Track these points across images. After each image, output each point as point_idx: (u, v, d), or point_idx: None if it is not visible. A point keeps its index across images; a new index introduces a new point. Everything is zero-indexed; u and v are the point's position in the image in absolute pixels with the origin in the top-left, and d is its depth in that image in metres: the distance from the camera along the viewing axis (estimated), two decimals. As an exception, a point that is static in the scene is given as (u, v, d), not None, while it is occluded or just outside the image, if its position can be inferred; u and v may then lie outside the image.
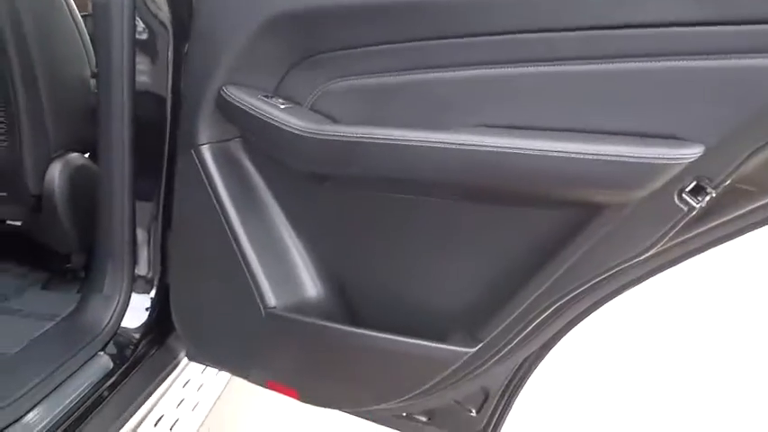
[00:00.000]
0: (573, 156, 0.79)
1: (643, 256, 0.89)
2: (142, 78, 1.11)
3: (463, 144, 0.84)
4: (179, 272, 1.15)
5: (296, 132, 0.92)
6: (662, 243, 0.87)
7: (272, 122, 0.94)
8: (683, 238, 0.91)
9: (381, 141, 0.89)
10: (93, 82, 1.34)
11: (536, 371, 1.13)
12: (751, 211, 0.88)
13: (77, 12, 1.30)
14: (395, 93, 0.94)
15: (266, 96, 0.98)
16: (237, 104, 0.96)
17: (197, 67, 1.00)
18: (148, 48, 1.09)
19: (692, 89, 0.76)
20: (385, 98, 0.95)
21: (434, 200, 0.95)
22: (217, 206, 1.02)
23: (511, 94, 0.87)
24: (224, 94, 0.97)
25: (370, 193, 0.99)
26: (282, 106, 0.96)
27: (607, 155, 0.78)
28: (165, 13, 1.07)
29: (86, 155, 1.40)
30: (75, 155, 1.32)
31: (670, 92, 0.78)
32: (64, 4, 1.24)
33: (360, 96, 0.97)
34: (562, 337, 1.08)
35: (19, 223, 1.36)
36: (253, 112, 0.95)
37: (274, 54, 0.98)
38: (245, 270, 1.03)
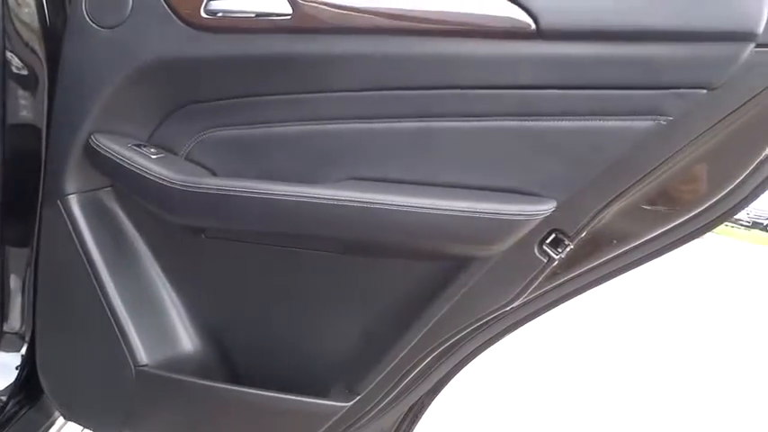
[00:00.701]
0: (436, 211, 0.81)
1: (512, 306, 0.91)
2: (14, 117, 1.05)
3: (334, 198, 0.85)
4: (45, 329, 1.08)
5: (167, 184, 0.90)
6: (529, 292, 0.90)
7: (143, 174, 0.91)
8: (554, 284, 0.95)
9: (254, 195, 0.88)
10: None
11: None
12: (613, 258, 0.94)
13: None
14: (271, 144, 0.94)
15: (137, 146, 0.95)
16: (106, 154, 0.92)
17: (65, 113, 0.95)
18: (21, 85, 1.04)
19: (544, 148, 0.81)
20: (261, 149, 0.94)
21: (311, 252, 0.95)
22: (84, 259, 0.97)
23: (381, 149, 0.88)
24: (92, 143, 0.93)
25: (246, 245, 0.97)
26: (154, 156, 0.94)
27: (468, 210, 0.81)
28: (40, 47, 1.02)
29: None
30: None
31: (526, 150, 0.82)
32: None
33: (236, 147, 0.96)
34: (447, 383, 1.09)
35: None
36: (122, 163, 0.92)
37: (148, 101, 0.96)
38: (115, 326, 0.98)
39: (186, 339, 1.03)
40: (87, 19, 0.91)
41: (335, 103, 0.89)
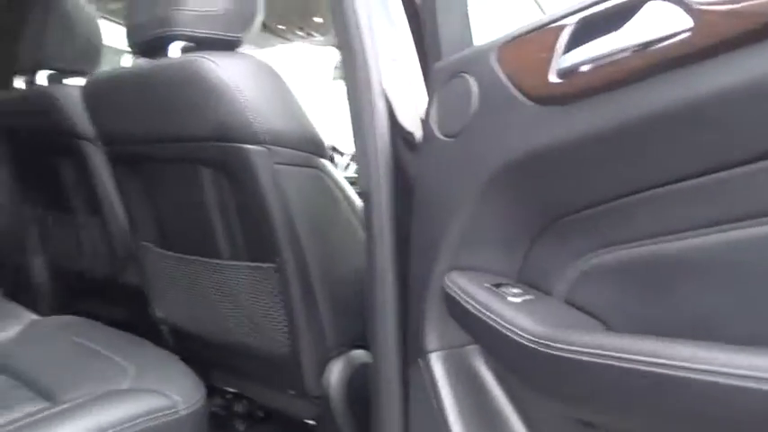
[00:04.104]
0: None
1: None
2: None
3: None
4: None
5: (523, 342, 0.58)
6: None
7: (495, 325, 0.62)
8: None
9: (655, 369, 0.47)
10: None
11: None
12: None
13: (356, 201, 1.22)
14: (691, 269, 0.52)
15: (496, 285, 0.67)
16: (458, 299, 0.68)
17: (419, 248, 0.77)
18: None
19: None
20: (676, 280, 0.53)
21: None
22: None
23: None
24: (446, 286, 0.71)
25: None
26: (517, 299, 0.64)
27: None
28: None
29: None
30: (358, 352, 1.18)
31: None
32: (341, 197, 1.19)
33: (637, 278, 0.58)
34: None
35: (313, 422, 1.28)
36: (473, 310, 0.65)
37: (507, 219, 0.69)
38: None
39: None
40: (435, 130, 0.73)
41: None
